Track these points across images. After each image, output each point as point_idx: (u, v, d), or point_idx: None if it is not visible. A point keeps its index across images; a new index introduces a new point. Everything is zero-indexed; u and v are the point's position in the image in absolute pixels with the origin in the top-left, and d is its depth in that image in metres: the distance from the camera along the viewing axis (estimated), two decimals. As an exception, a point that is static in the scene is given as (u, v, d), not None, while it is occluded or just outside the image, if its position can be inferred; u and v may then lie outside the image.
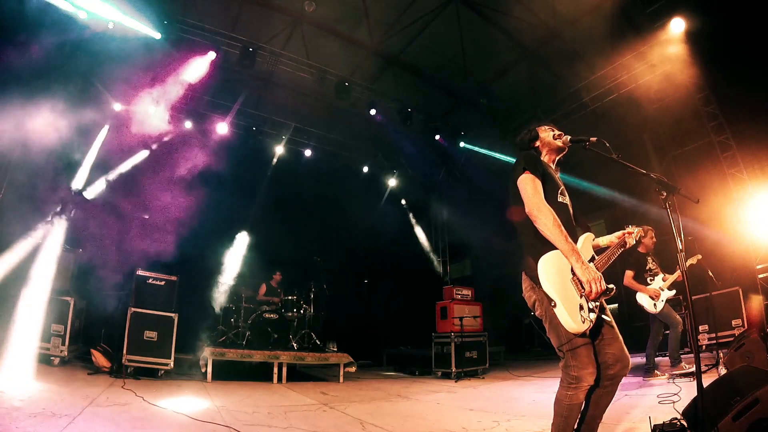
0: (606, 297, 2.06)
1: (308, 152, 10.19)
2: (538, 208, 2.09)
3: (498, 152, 9.94)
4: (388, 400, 5.01)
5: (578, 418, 2.08)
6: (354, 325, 9.48)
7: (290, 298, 7.33)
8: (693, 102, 7.37)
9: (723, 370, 4.22)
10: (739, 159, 7.12)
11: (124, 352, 5.10)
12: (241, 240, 9.44)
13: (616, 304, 8.31)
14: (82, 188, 7.20)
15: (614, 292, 2.02)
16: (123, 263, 6.08)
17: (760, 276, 6.46)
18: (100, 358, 5.20)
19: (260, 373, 6.04)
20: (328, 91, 8.27)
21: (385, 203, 11.71)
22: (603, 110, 8.42)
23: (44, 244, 5.60)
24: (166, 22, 6.77)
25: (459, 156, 10.89)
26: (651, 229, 5.29)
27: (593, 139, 2.29)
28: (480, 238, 10.83)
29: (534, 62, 8.20)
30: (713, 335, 5.84)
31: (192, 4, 6.94)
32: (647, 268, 5.19)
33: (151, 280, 5.68)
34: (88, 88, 6.98)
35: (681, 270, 2.10)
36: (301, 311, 7.33)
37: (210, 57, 7.21)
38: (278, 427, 3.35)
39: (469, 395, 5.41)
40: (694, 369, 3.71)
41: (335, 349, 7.03)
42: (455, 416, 4.03)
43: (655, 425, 2.55)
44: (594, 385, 2.03)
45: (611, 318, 2.16)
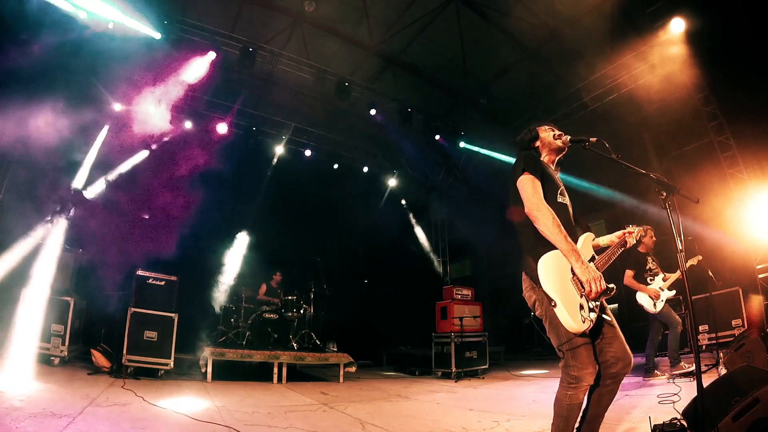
0: (606, 296, 2.05)
1: (308, 152, 10.18)
2: (538, 208, 2.09)
3: (498, 152, 9.92)
4: (388, 400, 5.01)
5: (579, 418, 2.08)
6: (354, 325, 9.46)
7: (290, 298, 7.33)
8: (693, 102, 7.38)
9: (723, 370, 4.22)
10: (739, 159, 7.12)
11: (124, 352, 5.11)
12: (241, 240, 9.42)
13: (616, 304, 8.31)
14: (82, 188, 7.20)
15: (614, 291, 2.02)
16: (123, 263, 6.08)
17: (760, 276, 6.47)
18: (100, 358, 5.20)
19: (260, 373, 6.04)
20: (328, 91, 8.27)
21: (385, 203, 11.70)
22: (603, 110, 8.43)
23: (44, 244, 5.61)
24: (166, 22, 6.78)
25: (459, 156, 10.88)
26: (651, 228, 5.29)
27: (593, 139, 2.29)
28: (480, 238, 10.83)
29: (534, 62, 8.19)
30: (713, 335, 5.85)
31: (192, 4, 6.94)
32: (647, 267, 5.19)
33: (151, 280, 5.68)
34: (88, 88, 6.98)
35: (681, 270, 2.09)
36: (301, 311, 7.34)
37: (210, 57, 7.21)
38: (278, 427, 3.35)
39: (469, 395, 5.41)
40: (693, 368, 3.72)
41: (335, 349, 7.02)
42: (455, 416, 4.03)
43: (655, 425, 2.55)
44: (594, 384, 2.03)
45: (612, 317, 2.15)
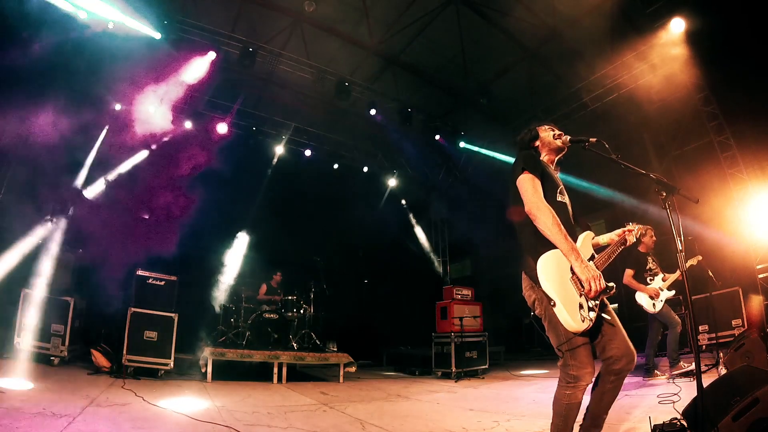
0: (606, 295, 2.05)
1: (308, 152, 10.18)
2: (538, 207, 2.09)
3: (498, 152, 9.91)
4: (388, 400, 5.01)
5: (583, 415, 2.07)
6: (354, 325, 9.46)
7: (290, 298, 7.33)
8: (693, 102, 7.37)
9: (723, 370, 4.22)
10: (739, 159, 7.12)
11: (124, 352, 5.11)
12: (242, 240, 9.41)
13: (616, 304, 8.30)
14: (82, 188, 7.21)
15: (614, 290, 2.02)
16: (123, 263, 6.08)
17: (760, 276, 6.46)
18: (100, 358, 5.20)
19: (260, 373, 6.04)
20: (328, 91, 8.27)
21: (385, 203, 11.69)
22: (603, 110, 8.42)
23: (44, 244, 5.61)
24: (166, 22, 6.77)
25: (459, 156, 10.88)
26: (651, 228, 5.29)
27: (593, 139, 2.29)
28: (480, 238, 10.83)
29: (534, 62, 8.19)
30: (713, 335, 5.84)
31: (192, 4, 6.94)
32: (647, 267, 5.19)
33: (151, 280, 5.68)
34: (88, 88, 6.98)
35: (681, 270, 2.09)
36: (301, 311, 7.33)
37: (210, 57, 7.20)
38: (278, 427, 3.35)
39: (469, 395, 5.41)
40: (693, 367, 3.72)
41: (335, 349, 7.02)
42: (455, 416, 4.03)
43: (655, 425, 2.55)
44: (594, 384, 2.03)
45: (613, 315, 2.15)
